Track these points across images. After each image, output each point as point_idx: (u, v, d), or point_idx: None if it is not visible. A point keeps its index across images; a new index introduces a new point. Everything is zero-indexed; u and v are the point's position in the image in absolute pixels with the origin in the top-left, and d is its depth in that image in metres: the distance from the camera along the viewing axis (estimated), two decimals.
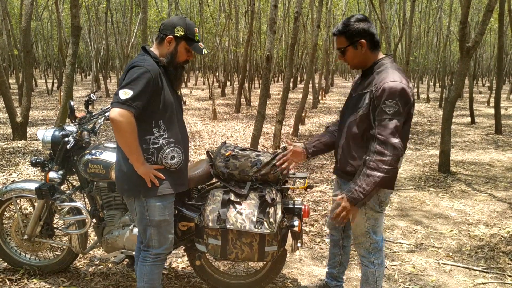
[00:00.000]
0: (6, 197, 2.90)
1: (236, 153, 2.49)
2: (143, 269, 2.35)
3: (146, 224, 2.28)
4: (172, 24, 2.21)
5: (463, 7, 5.86)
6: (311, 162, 6.79)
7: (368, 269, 2.39)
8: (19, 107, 9.53)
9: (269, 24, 6.11)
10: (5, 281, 2.91)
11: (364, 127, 2.16)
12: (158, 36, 2.25)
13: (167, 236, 2.34)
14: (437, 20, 20.46)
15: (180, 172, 2.31)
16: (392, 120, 2.03)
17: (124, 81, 2.09)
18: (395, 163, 2.05)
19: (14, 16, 24.37)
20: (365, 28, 2.16)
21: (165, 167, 2.23)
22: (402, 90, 2.04)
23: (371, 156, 2.07)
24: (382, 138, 2.04)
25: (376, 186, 2.07)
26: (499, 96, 9.47)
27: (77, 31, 5.41)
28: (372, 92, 2.10)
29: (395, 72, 2.12)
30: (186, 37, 2.22)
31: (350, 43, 2.19)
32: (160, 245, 2.33)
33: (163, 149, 2.21)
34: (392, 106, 2.03)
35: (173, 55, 2.23)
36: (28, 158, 6.22)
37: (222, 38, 19.58)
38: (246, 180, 2.45)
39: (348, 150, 2.25)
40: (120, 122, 2.02)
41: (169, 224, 2.34)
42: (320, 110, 14.66)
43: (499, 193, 5.24)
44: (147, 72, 2.09)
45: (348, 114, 2.28)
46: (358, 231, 2.35)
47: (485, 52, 31.81)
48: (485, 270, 3.26)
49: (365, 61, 2.24)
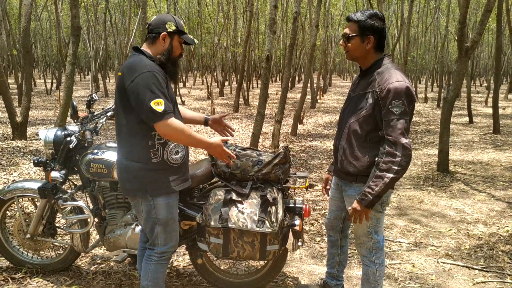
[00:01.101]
0: (8, 197, 2.91)
1: (237, 153, 2.51)
2: (147, 267, 2.34)
3: (154, 222, 2.27)
4: (162, 21, 2.22)
5: (461, 7, 5.89)
6: (310, 162, 6.82)
7: (369, 269, 2.40)
8: (18, 107, 9.53)
9: (268, 24, 6.13)
10: (7, 279, 2.93)
11: (368, 128, 2.17)
12: (149, 36, 2.24)
13: (173, 234, 2.35)
14: (435, 20, 20.51)
15: (183, 167, 2.33)
16: (399, 120, 2.05)
17: (143, 93, 2.05)
18: (406, 163, 2.05)
19: (13, 16, 24.32)
20: (379, 27, 2.17)
21: (169, 164, 2.23)
22: (407, 90, 2.06)
23: (381, 158, 2.08)
24: (391, 139, 2.05)
25: (388, 187, 2.08)
26: (497, 96, 9.51)
27: (77, 31, 5.43)
28: (377, 92, 2.10)
29: (397, 72, 2.13)
30: (178, 31, 2.24)
31: (359, 34, 2.18)
32: (166, 243, 2.33)
33: (168, 144, 2.22)
34: (398, 106, 2.04)
35: (170, 51, 2.24)
36: (28, 157, 6.23)
37: (220, 38, 19.58)
38: (248, 179, 2.47)
39: (351, 151, 2.24)
40: (175, 132, 2.08)
41: (175, 222, 2.35)
42: (318, 109, 14.69)
43: (497, 192, 5.28)
44: (154, 73, 2.10)
45: (348, 115, 2.28)
46: (360, 231, 2.36)
47: (482, 52, 31.90)
48: (484, 269, 3.29)
49: (366, 57, 2.23)
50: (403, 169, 2.05)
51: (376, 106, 2.11)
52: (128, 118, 2.16)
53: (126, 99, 2.11)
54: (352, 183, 2.29)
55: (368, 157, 2.19)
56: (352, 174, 2.26)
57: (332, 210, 2.63)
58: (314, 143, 8.51)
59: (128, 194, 2.28)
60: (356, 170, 2.23)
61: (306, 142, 8.56)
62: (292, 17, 9.04)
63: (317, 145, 8.30)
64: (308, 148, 7.96)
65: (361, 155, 2.21)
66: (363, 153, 2.20)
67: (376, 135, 2.17)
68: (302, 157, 7.22)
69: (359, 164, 2.21)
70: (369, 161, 2.19)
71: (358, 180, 2.25)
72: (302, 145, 8.23)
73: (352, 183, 2.29)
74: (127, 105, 2.13)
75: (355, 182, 2.27)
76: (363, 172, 2.21)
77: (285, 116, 11.45)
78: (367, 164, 2.20)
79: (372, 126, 2.16)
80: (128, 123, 2.16)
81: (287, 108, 13.90)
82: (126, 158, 2.22)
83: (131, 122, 2.15)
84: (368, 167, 2.19)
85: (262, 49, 23.54)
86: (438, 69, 20.38)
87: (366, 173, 2.20)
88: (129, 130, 2.17)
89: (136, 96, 2.06)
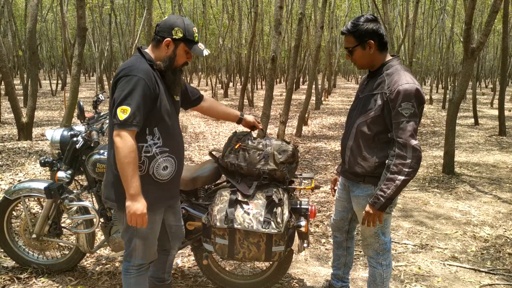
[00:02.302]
0: (14, 197, 2.92)
1: (245, 145, 2.49)
2: (128, 281, 2.22)
3: (133, 234, 2.14)
4: (170, 25, 2.04)
5: (467, 8, 5.86)
6: (315, 163, 6.80)
7: (376, 270, 2.39)
8: (24, 108, 9.58)
9: (274, 25, 6.13)
10: (13, 279, 2.94)
11: (376, 129, 2.17)
12: (155, 38, 2.08)
13: (152, 248, 2.23)
14: (440, 22, 20.42)
15: (171, 183, 2.18)
16: (409, 122, 2.05)
17: (118, 96, 1.93)
18: (417, 165, 2.06)
19: (19, 17, 24.48)
20: (374, 28, 2.16)
21: (154, 179, 2.09)
22: (416, 92, 2.05)
23: (392, 160, 2.09)
24: (401, 141, 2.06)
25: (400, 189, 2.08)
26: (503, 98, 9.45)
27: (83, 32, 5.44)
28: (386, 94, 2.10)
29: (406, 73, 2.12)
30: (185, 39, 2.06)
31: (358, 43, 2.18)
32: (143, 257, 2.21)
33: (155, 158, 2.06)
34: (408, 108, 2.04)
35: (172, 59, 2.07)
36: (34, 158, 6.25)
37: (225, 40, 19.60)
38: (253, 173, 2.45)
39: (359, 151, 2.24)
40: (122, 148, 1.90)
41: (156, 237, 2.24)
42: (323, 111, 14.67)
43: (504, 194, 5.24)
44: (140, 79, 1.94)
45: (356, 115, 2.28)
46: (367, 233, 2.35)
47: (488, 53, 31.72)
48: (491, 271, 3.26)
49: (373, 61, 2.23)
50: (414, 170, 2.05)
51: (385, 108, 2.11)
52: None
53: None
54: (359, 184, 2.29)
55: (376, 158, 2.19)
56: (360, 174, 2.26)
57: (338, 211, 2.62)
58: (319, 144, 8.49)
59: (105, 202, 2.17)
60: (363, 171, 2.23)
61: (311, 144, 8.54)
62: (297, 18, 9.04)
63: (322, 146, 8.29)
64: (313, 150, 7.94)
65: (369, 155, 2.20)
66: (371, 154, 2.20)
67: (384, 136, 2.16)
68: (307, 158, 7.20)
69: (366, 164, 2.21)
70: (377, 161, 2.19)
71: (366, 181, 2.25)
72: (307, 147, 8.21)
73: (360, 183, 2.28)
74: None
75: (362, 183, 2.27)
76: (370, 172, 2.21)
77: (289, 118, 11.44)
78: (374, 164, 2.19)
79: (381, 127, 2.16)
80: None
81: (292, 110, 13.88)
82: (110, 165, 2.10)
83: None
84: (376, 168, 2.19)
85: (266, 50, 23.57)
86: (443, 70, 20.29)
87: (373, 173, 2.21)
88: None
89: (113, 98, 1.97)
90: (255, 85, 22.00)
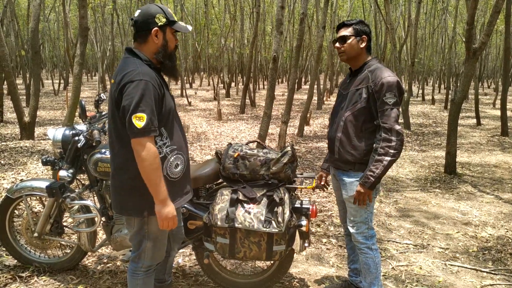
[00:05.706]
0: (16, 195, 2.93)
1: (244, 153, 2.51)
2: (135, 282, 2.20)
3: (143, 237, 2.12)
4: (150, 15, 2.01)
5: (469, 8, 5.85)
6: (316, 163, 6.80)
7: (368, 256, 2.53)
8: (26, 107, 9.61)
9: (275, 25, 6.13)
10: (15, 278, 2.95)
11: (363, 119, 2.41)
12: (139, 35, 2.03)
13: (161, 249, 2.22)
14: (442, 22, 20.39)
15: (184, 179, 2.18)
16: (393, 109, 2.32)
17: (129, 103, 1.87)
18: (400, 147, 2.31)
19: (22, 17, 24.56)
20: (368, 31, 2.48)
21: (169, 179, 2.07)
22: (397, 83, 2.33)
23: (379, 144, 2.32)
24: (387, 126, 2.31)
25: (386, 169, 2.31)
26: (505, 98, 9.44)
27: (85, 32, 5.46)
28: (371, 87, 2.36)
29: (387, 69, 2.41)
30: (169, 21, 2.05)
31: (355, 34, 2.44)
32: (152, 259, 2.20)
33: (167, 158, 2.05)
34: (391, 97, 2.31)
35: (165, 46, 2.05)
36: (36, 157, 6.27)
37: (227, 40, 19.62)
38: (258, 179, 2.48)
39: (348, 141, 2.45)
40: (146, 157, 1.87)
41: (165, 238, 2.22)
42: (324, 111, 14.66)
43: (505, 195, 5.23)
44: (148, 83, 1.91)
45: (343, 109, 2.50)
46: (359, 218, 2.51)
47: (490, 54, 31.65)
48: (492, 272, 3.26)
49: (359, 57, 2.49)
50: (398, 152, 2.31)
51: (371, 99, 2.37)
52: (124, 131, 1.94)
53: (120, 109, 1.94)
54: (349, 172, 2.48)
55: (365, 145, 2.42)
56: (350, 162, 2.46)
57: (340, 202, 2.76)
58: (320, 144, 8.49)
59: (122, 213, 2.09)
60: (354, 158, 2.44)
61: (313, 143, 8.54)
62: (299, 18, 9.04)
63: (323, 146, 8.28)
64: (315, 149, 7.94)
65: (358, 143, 2.43)
66: (360, 141, 2.43)
67: (371, 126, 2.40)
68: (308, 158, 7.20)
69: (356, 152, 2.43)
70: (365, 149, 2.42)
71: (356, 168, 2.45)
72: (308, 146, 8.21)
73: (350, 171, 2.48)
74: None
75: (352, 171, 2.47)
76: (360, 159, 2.43)
77: (291, 117, 11.44)
78: (363, 152, 2.42)
79: (367, 116, 2.40)
80: (125, 135, 1.94)
81: (294, 109, 13.89)
82: (120, 173, 2.04)
83: (127, 135, 1.92)
84: (365, 154, 2.42)
85: (268, 50, 23.58)
86: (445, 70, 20.26)
87: (363, 160, 2.43)
88: (126, 144, 1.97)
89: (123, 106, 1.90)
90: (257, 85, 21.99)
